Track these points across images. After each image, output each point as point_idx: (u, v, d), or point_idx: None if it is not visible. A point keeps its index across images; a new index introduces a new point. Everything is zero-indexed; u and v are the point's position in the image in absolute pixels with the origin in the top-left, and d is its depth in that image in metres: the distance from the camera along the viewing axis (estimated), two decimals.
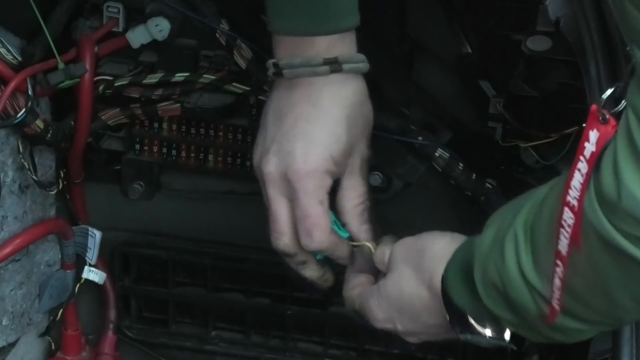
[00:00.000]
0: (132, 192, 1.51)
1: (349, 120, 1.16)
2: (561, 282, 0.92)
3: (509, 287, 0.97)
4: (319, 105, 1.16)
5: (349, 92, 1.17)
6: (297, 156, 1.15)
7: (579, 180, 0.85)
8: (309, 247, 1.17)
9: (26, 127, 1.34)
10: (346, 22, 1.16)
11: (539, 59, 1.26)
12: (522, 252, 0.95)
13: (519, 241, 0.96)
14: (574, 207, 0.86)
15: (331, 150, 1.15)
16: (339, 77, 1.16)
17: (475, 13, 1.33)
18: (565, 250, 0.89)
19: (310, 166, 1.15)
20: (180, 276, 1.59)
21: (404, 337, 1.18)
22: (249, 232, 1.50)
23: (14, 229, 1.41)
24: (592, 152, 0.83)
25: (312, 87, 1.16)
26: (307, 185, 1.15)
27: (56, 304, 1.52)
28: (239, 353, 1.61)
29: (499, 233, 1.00)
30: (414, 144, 1.39)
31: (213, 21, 1.34)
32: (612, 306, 0.92)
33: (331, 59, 1.15)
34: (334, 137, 1.16)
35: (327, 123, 1.16)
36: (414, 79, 1.40)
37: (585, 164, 0.84)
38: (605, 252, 0.84)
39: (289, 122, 1.16)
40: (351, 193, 1.20)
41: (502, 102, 1.34)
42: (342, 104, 1.16)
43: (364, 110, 1.19)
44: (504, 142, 1.35)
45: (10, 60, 1.31)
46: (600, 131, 0.83)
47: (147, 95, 1.41)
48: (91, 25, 1.39)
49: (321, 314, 1.55)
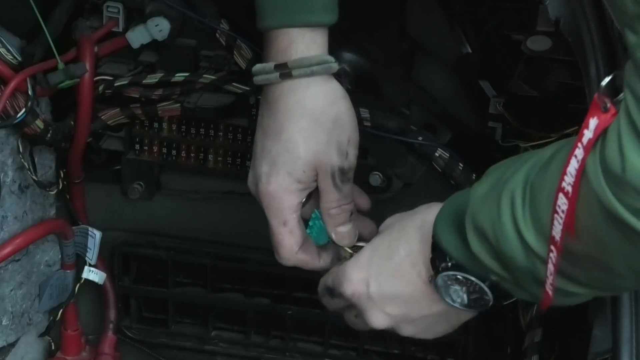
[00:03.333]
0: (132, 192, 1.51)
1: (306, 133, 1.13)
2: (554, 268, 0.92)
3: (501, 240, 0.96)
4: (274, 118, 1.14)
5: (306, 99, 1.13)
6: (262, 177, 1.16)
7: (574, 167, 0.86)
8: (279, 261, 1.20)
9: (26, 127, 1.34)
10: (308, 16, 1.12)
11: (539, 59, 1.26)
12: (519, 209, 0.94)
13: (515, 198, 0.95)
14: (568, 193, 0.87)
15: (288, 169, 1.14)
16: (294, 83, 1.13)
17: (475, 13, 1.33)
18: (559, 236, 0.89)
19: (271, 187, 1.15)
20: (180, 276, 1.59)
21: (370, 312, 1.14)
22: (249, 232, 1.50)
23: (14, 229, 1.41)
24: (589, 139, 0.85)
25: (271, 96, 1.15)
26: (270, 207, 1.16)
27: (56, 304, 1.52)
28: (239, 353, 1.61)
29: (498, 185, 0.99)
30: (414, 144, 1.39)
31: (213, 21, 1.34)
32: (608, 274, 0.92)
33: (282, 64, 1.12)
34: (289, 155, 1.14)
35: (282, 140, 1.14)
36: (414, 79, 1.40)
37: (582, 151, 0.85)
38: (608, 224, 0.85)
39: (258, 136, 1.17)
40: (323, 197, 1.18)
41: (502, 102, 1.34)
42: (297, 113, 1.13)
43: (332, 113, 1.14)
44: (504, 142, 1.35)
45: (10, 60, 1.31)
46: (600, 119, 0.84)
47: (147, 95, 1.41)
48: (91, 25, 1.39)
49: (321, 314, 1.55)
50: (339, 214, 1.19)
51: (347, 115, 1.16)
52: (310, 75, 1.12)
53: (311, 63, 1.12)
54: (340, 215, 1.19)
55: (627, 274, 0.90)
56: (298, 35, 1.12)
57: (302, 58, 1.12)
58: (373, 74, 1.36)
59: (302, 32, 1.12)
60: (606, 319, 1.09)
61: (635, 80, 0.81)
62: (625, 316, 1.07)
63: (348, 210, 1.19)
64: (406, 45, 1.37)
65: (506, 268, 0.99)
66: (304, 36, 1.12)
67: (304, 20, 1.12)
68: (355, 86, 1.35)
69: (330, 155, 1.15)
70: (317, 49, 1.13)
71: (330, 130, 1.14)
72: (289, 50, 1.12)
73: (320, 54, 1.13)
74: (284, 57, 1.12)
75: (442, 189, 1.43)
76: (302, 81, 1.13)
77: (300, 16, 1.12)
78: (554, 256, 0.91)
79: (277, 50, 1.13)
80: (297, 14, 1.12)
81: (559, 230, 0.89)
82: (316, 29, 1.13)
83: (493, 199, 0.98)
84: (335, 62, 1.14)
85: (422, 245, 1.08)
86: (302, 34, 1.12)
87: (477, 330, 1.51)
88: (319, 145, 1.14)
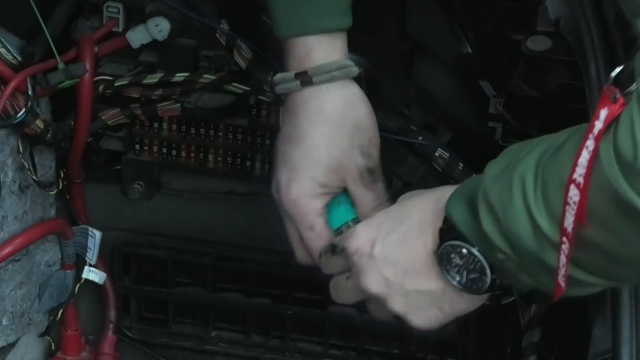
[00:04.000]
0: (132, 192, 1.51)
1: (327, 138, 1.14)
2: (567, 260, 0.92)
3: (511, 220, 0.96)
4: (297, 126, 1.15)
5: (327, 104, 1.14)
6: (283, 185, 1.16)
7: (585, 158, 0.86)
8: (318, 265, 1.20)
9: (26, 127, 1.34)
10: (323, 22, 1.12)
11: (539, 59, 1.26)
12: (531, 192, 0.94)
13: (527, 180, 0.95)
14: (579, 184, 0.87)
15: (311, 174, 1.15)
16: (314, 89, 1.14)
17: (475, 13, 1.33)
18: (570, 227, 0.89)
19: (294, 195, 1.16)
20: (180, 276, 1.59)
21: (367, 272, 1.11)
22: (249, 232, 1.50)
23: (14, 229, 1.41)
24: (600, 129, 0.85)
25: (292, 103, 1.16)
26: (296, 214, 1.17)
27: (56, 304, 1.52)
28: (239, 353, 1.61)
29: (509, 165, 0.98)
30: (414, 144, 1.39)
31: (213, 21, 1.34)
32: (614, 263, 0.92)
33: (301, 72, 1.13)
34: (312, 160, 1.14)
35: (304, 146, 1.14)
36: (414, 79, 1.40)
37: (593, 141, 0.85)
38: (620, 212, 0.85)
39: (280, 141, 1.17)
40: (359, 202, 1.19)
41: (502, 102, 1.34)
42: (318, 120, 1.14)
43: (352, 117, 1.15)
44: (504, 142, 1.35)
45: (10, 60, 1.31)
46: (610, 109, 0.84)
47: (147, 95, 1.41)
48: (91, 25, 1.39)
49: (321, 314, 1.55)
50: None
51: (368, 118, 1.17)
52: (331, 80, 1.13)
53: (331, 69, 1.13)
54: None
55: (634, 264, 0.90)
56: (315, 42, 1.13)
57: (321, 65, 1.13)
58: (373, 74, 1.36)
59: (319, 39, 1.13)
60: (606, 319, 1.09)
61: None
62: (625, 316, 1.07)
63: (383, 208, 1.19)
64: (406, 45, 1.38)
65: (513, 247, 0.98)
66: (322, 43, 1.13)
67: (319, 26, 1.12)
68: None
69: (353, 159, 1.16)
70: (336, 55, 1.14)
71: (351, 134, 1.15)
72: (307, 58, 1.13)
73: (339, 59, 1.14)
74: (303, 65, 1.13)
75: None
76: (323, 87, 1.13)
77: (315, 23, 1.12)
78: (566, 248, 0.91)
79: (296, 59, 1.14)
80: (312, 21, 1.12)
81: (571, 221, 0.89)
82: (333, 35, 1.13)
83: (505, 179, 0.98)
84: (355, 66, 1.14)
85: (435, 215, 1.07)
86: (319, 41, 1.13)
87: (477, 330, 1.51)
88: (341, 150, 1.15)
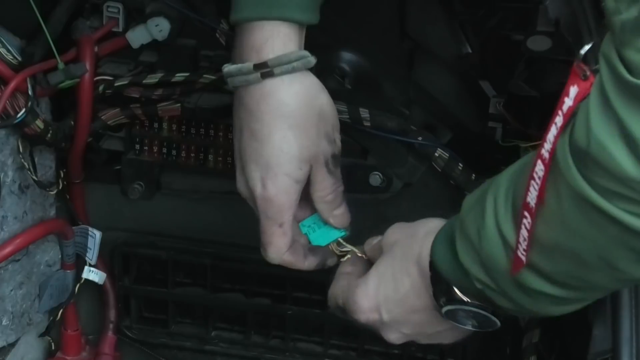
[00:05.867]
0: (132, 192, 1.51)
1: (296, 130, 1.13)
2: (528, 234, 0.91)
3: (484, 239, 0.97)
4: (261, 120, 1.12)
5: (290, 96, 1.12)
6: (255, 182, 1.15)
7: (553, 134, 0.86)
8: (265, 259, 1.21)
9: (26, 127, 1.34)
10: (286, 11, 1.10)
11: (539, 59, 1.26)
12: (502, 206, 0.95)
13: (499, 195, 0.95)
14: (545, 159, 0.86)
15: (285, 170, 1.14)
16: (275, 81, 1.11)
17: (475, 13, 1.33)
18: (534, 202, 0.89)
19: (270, 192, 1.15)
20: (180, 276, 1.59)
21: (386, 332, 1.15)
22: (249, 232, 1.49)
23: (14, 229, 1.41)
24: (569, 106, 0.84)
25: (250, 98, 1.13)
26: (267, 211, 1.16)
27: (56, 304, 1.52)
28: (239, 353, 1.61)
29: (485, 190, 0.99)
30: (414, 144, 1.39)
31: (213, 21, 1.34)
32: (579, 266, 0.90)
33: (261, 63, 1.11)
34: (284, 155, 1.13)
35: (274, 141, 1.13)
36: (414, 79, 1.40)
37: (562, 118, 0.85)
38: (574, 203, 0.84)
39: (244, 139, 1.15)
40: (318, 186, 1.18)
41: (502, 102, 1.34)
42: (284, 112, 1.12)
43: (316, 107, 1.14)
44: (504, 142, 1.35)
45: (10, 60, 1.31)
46: (580, 87, 0.83)
47: (147, 95, 1.41)
48: (91, 25, 1.39)
49: (321, 314, 1.55)
50: (335, 198, 1.19)
51: (329, 106, 1.16)
52: (292, 72, 1.11)
53: (290, 60, 1.11)
54: (336, 199, 1.20)
55: (598, 265, 0.89)
56: (273, 31, 1.10)
57: (280, 55, 1.10)
58: (373, 74, 1.36)
59: (277, 29, 1.11)
60: (606, 319, 1.09)
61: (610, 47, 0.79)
62: (625, 316, 1.07)
63: (341, 192, 1.20)
64: (406, 45, 1.38)
65: (488, 273, 0.99)
66: (279, 32, 1.11)
67: (279, 13, 1.10)
68: (355, 86, 1.35)
69: (321, 147, 1.15)
70: (293, 46, 1.11)
71: (317, 123, 1.14)
72: (264, 47, 1.11)
73: (297, 50, 1.12)
74: (260, 55, 1.11)
75: (442, 189, 1.43)
76: (284, 79, 1.11)
77: (275, 10, 1.10)
78: (528, 222, 0.90)
79: (252, 48, 1.11)
80: (274, 7, 1.10)
81: (535, 196, 0.88)
82: (292, 27, 1.11)
83: (479, 204, 0.99)
84: (312, 56, 1.12)
85: (422, 278, 1.08)
86: (277, 30, 1.11)
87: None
88: (310, 140, 1.14)
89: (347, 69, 1.35)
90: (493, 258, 0.97)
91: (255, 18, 1.11)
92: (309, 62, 1.12)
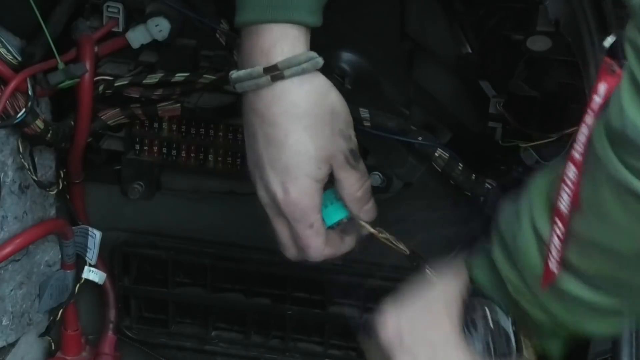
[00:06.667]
0: (132, 192, 1.51)
1: (311, 130, 1.13)
2: (560, 242, 0.90)
3: (519, 237, 0.96)
4: (274, 124, 1.12)
5: (301, 98, 1.12)
6: (276, 188, 1.14)
7: (584, 134, 0.85)
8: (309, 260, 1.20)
9: (26, 127, 1.34)
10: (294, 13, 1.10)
11: (539, 59, 1.26)
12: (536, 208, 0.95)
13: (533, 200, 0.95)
14: (577, 162, 0.86)
15: (305, 171, 1.13)
16: (286, 84, 1.11)
17: (475, 13, 1.33)
18: (566, 208, 0.88)
19: (293, 196, 1.14)
20: (180, 276, 1.59)
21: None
22: (249, 232, 1.50)
23: (14, 229, 1.41)
24: (599, 104, 0.84)
25: (261, 102, 1.13)
26: (294, 214, 1.15)
27: (56, 304, 1.52)
28: (239, 353, 1.61)
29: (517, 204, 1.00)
30: (414, 144, 1.39)
31: (213, 21, 1.34)
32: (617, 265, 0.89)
33: (271, 66, 1.10)
34: (302, 156, 1.13)
35: (290, 144, 1.12)
36: (414, 79, 1.40)
37: (592, 117, 0.85)
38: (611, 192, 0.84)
39: (260, 145, 1.14)
40: (345, 183, 1.18)
41: (502, 102, 1.34)
42: (296, 114, 1.12)
43: (327, 106, 1.14)
44: (504, 142, 1.35)
45: (10, 60, 1.31)
46: (608, 83, 0.84)
47: (147, 95, 1.41)
48: (91, 25, 1.39)
49: (321, 314, 1.55)
50: (364, 194, 1.19)
51: (340, 103, 1.16)
52: (302, 73, 1.11)
53: (300, 61, 1.11)
54: (365, 194, 1.20)
55: (634, 260, 0.88)
56: (282, 34, 1.10)
57: (290, 58, 1.10)
58: (373, 74, 1.36)
59: (286, 31, 1.10)
60: None
61: (634, 32, 0.80)
62: None
63: (369, 187, 1.20)
64: (406, 45, 1.37)
65: (521, 275, 0.98)
66: (288, 35, 1.10)
67: (288, 16, 1.10)
68: (355, 86, 1.35)
69: (338, 144, 1.15)
70: (301, 48, 1.11)
71: (330, 122, 1.14)
72: (274, 50, 1.10)
73: (305, 51, 1.12)
74: (269, 59, 1.10)
75: (442, 189, 1.43)
76: (294, 80, 1.11)
77: (285, 12, 1.10)
78: (560, 229, 0.89)
79: (261, 51, 1.11)
80: (282, 10, 1.10)
81: (567, 201, 0.88)
82: (300, 29, 1.11)
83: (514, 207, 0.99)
84: (320, 57, 1.12)
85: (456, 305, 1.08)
86: (286, 33, 1.10)
87: None
88: (325, 139, 1.14)
89: (347, 69, 1.35)
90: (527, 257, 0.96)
91: (263, 21, 1.10)
92: (318, 63, 1.12)
